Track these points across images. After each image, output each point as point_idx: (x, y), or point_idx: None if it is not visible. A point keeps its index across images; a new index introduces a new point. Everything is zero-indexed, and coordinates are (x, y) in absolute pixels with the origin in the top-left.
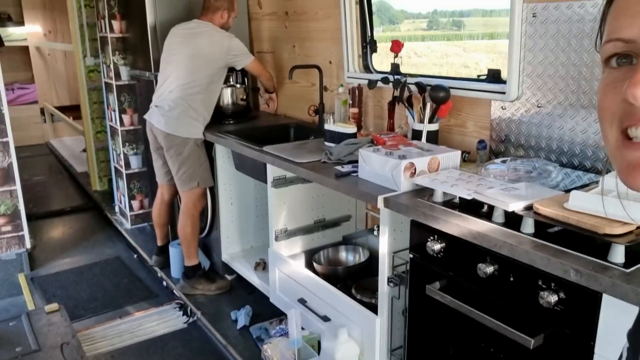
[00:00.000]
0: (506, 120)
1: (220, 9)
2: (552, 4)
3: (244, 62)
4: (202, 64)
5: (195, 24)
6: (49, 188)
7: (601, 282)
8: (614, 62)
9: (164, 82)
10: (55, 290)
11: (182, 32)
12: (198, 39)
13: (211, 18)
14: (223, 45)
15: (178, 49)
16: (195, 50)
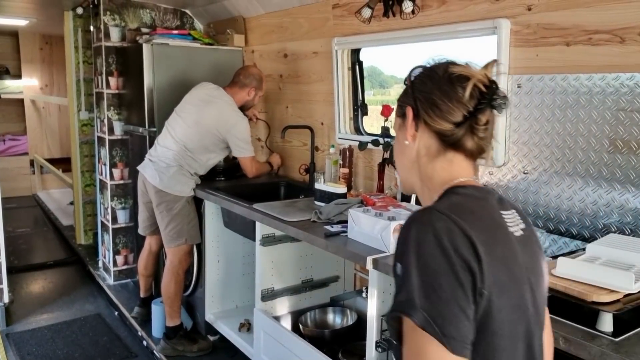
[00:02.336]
0: (494, 186)
1: (248, 87)
2: (537, 76)
3: (240, 152)
4: (204, 133)
5: (218, 92)
6: (33, 240)
7: (590, 350)
8: None
9: (165, 138)
10: (31, 348)
11: (201, 95)
12: (210, 108)
13: (236, 92)
14: (228, 124)
15: (190, 111)
16: (203, 118)
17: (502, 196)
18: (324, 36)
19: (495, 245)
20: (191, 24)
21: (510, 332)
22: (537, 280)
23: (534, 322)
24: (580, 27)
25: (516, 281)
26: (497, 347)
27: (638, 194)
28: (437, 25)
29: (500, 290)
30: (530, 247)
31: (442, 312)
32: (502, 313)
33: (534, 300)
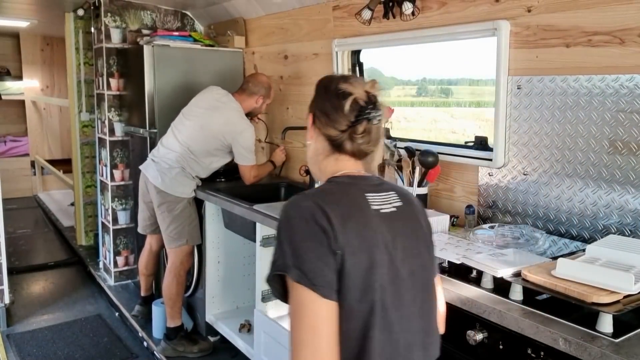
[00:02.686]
0: (493, 187)
1: (256, 95)
2: (536, 77)
3: (242, 160)
4: (210, 138)
5: (226, 98)
6: (34, 241)
7: (590, 352)
8: None
9: (169, 139)
10: (31, 349)
11: (210, 100)
12: (217, 114)
13: (244, 99)
14: (235, 131)
15: (197, 114)
16: (209, 123)
17: (384, 182)
18: (324, 38)
19: (349, 217)
20: (192, 26)
21: (363, 284)
22: (403, 246)
23: (389, 281)
24: (579, 28)
25: (368, 246)
26: (352, 299)
27: (638, 195)
28: (437, 26)
29: (352, 252)
30: (399, 221)
31: (310, 267)
32: (355, 268)
33: (392, 262)
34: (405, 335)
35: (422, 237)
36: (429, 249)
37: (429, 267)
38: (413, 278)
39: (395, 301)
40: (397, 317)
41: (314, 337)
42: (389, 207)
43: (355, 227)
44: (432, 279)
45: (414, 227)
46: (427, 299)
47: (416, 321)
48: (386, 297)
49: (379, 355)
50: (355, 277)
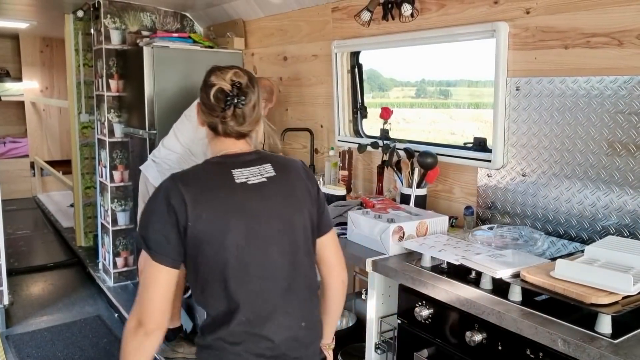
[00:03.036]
0: (492, 188)
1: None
2: (535, 78)
3: None
4: None
5: None
6: (33, 242)
7: (589, 352)
8: None
9: (170, 140)
10: (30, 350)
11: None
12: None
13: None
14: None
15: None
16: None
17: (263, 156)
18: (323, 39)
19: (203, 193)
20: (191, 27)
21: (217, 245)
22: (269, 210)
23: (245, 240)
24: (578, 30)
25: (222, 215)
26: (209, 258)
27: (636, 196)
28: (436, 28)
29: (204, 222)
30: (268, 190)
31: (152, 238)
32: (207, 234)
33: (251, 225)
34: (267, 283)
35: (294, 201)
36: (302, 211)
37: (299, 226)
38: (280, 236)
39: (256, 256)
40: (258, 268)
41: (148, 292)
42: (258, 179)
43: (209, 201)
44: (303, 236)
45: (286, 193)
46: (297, 252)
47: (283, 271)
48: (244, 254)
49: (241, 300)
50: (208, 241)
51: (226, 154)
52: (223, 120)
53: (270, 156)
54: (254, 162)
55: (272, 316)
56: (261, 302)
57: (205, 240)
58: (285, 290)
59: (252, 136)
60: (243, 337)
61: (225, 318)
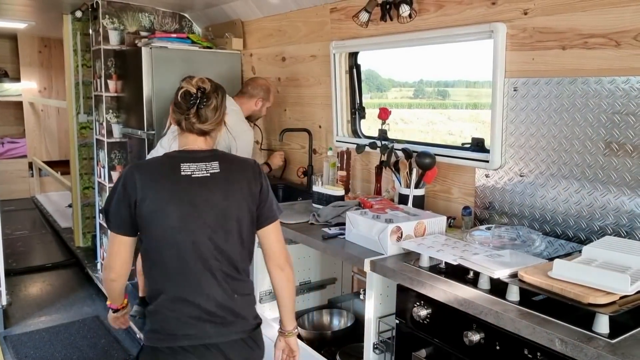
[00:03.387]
0: (490, 188)
1: (255, 97)
2: (533, 79)
3: None
4: None
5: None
6: (31, 243)
7: (587, 352)
8: None
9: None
10: (28, 351)
11: None
12: None
13: (244, 102)
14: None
15: None
16: None
17: (215, 155)
18: (321, 40)
19: (152, 180)
20: (190, 28)
21: (156, 221)
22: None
23: (179, 222)
24: (576, 31)
25: (163, 198)
26: (151, 236)
27: (633, 197)
28: (434, 29)
29: (148, 203)
30: (209, 183)
31: (111, 211)
32: (148, 212)
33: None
34: (196, 262)
35: (231, 196)
36: (238, 204)
37: (233, 217)
38: (212, 224)
39: (188, 238)
40: (189, 248)
41: (110, 253)
42: (202, 173)
43: (155, 187)
44: (237, 226)
45: (224, 188)
46: (227, 238)
47: (211, 253)
48: (176, 235)
49: (174, 273)
50: (150, 221)
51: (184, 149)
52: (187, 117)
53: (222, 155)
54: (204, 159)
55: (199, 288)
56: (191, 276)
57: (148, 219)
58: (211, 267)
59: (213, 136)
60: (178, 304)
61: (163, 288)
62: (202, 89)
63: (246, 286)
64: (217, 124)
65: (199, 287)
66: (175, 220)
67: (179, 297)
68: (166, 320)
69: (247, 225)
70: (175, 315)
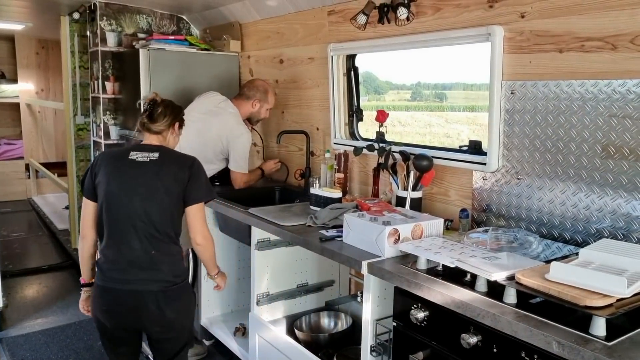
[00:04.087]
0: (487, 191)
1: (252, 99)
2: (530, 82)
3: (234, 166)
4: (207, 144)
5: (225, 104)
6: (28, 245)
7: (583, 355)
8: None
9: None
10: (25, 353)
11: (208, 105)
12: (215, 119)
13: (241, 104)
14: (232, 134)
15: (195, 119)
16: (206, 129)
17: (160, 150)
18: (319, 42)
19: (107, 161)
20: (188, 30)
21: (103, 191)
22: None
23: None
24: (572, 34)
25: (110, 174)
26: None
27: (630, 199)
28: (432, 31)
29: (100, 177)
30: (146, 166)
31: (84, 182)
32: (100, 184)
33: (124, 184)
34: (126, 220)
35: (161, 177)
36: (165, 184)
37: (161, 192)
38: (144, 195)
39: (122, 202)
40: (122, 210)
41: (82, 215)
42: (143, 158)
43: (106, 166)
44: (167, 199)
45: (157, 171)
46: (153, 208)
47: (140, 216)
48: (113, 199)
49: (108, 220)
50: (100, 188)
51: (140, 143)
52: (141, 118)
53: (165, 150)
54: (150, 150)
55: (125, 239)
56: (120, 229)
57: (99, 186)
58: (136, 226)
59: (164, 135)
60: (109, 249)
61: (103, 237)
62: (153, 100)
63: (167, 247)
64: (167, 126)
65: (125, 238)
66: (115, 188)
67: (111, 244)
68: (103, 262)
69: (171, 200)
70: (105, 260)
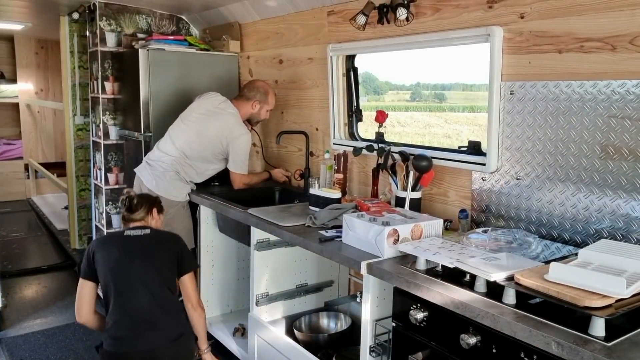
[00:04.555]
0: (487, 191)
1: (252, 100)
2: (529, 82)
3: (234, 166)
4: (206, 144)
5: (225, 104)
6: (27, 245)
7: (583, 355)
8: None
9: (165, 143)
10: (24, 354)
11: (208, 106)
12: (214, 120)
13: (241, 105)
14: (232, 135)
15: (194, 119)
16: (205, 129)
17: (150, 228)
18: (319, 42)
19: (103, 244)
20: (187, 30)
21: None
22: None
23: (119, 272)
24: (572, 35)
25: (111, 253)
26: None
27: (629, 200)
28: (431, 32)
29: (100, 258)
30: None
31: (81, 268)
32: (101, 264)
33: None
34: (132, 300)
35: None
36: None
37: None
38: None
39: (126, 282)
40: (126, 290)
41: (80, 299)
42: (137, 233)
43: (103, 245)
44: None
45: (151, 240)
46: (153, 268)
47: (141, 285)
48: (115, 267)
49: (115, 305)
50: (100, 265)
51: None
52: (122, 212)
53: (153, 229)
54: (141, 228)
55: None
56: (125, 295)
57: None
58: (142, 287)
59: (147, 221)
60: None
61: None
62: (129, 196)
63: (169, 301)
64: (145, 213)
65: (130, 299)
66: (116, 256)
67: (117, 308)
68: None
69: (169, 260)
70: (113, 324)
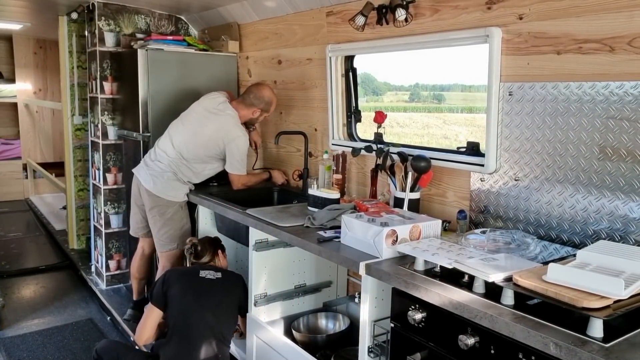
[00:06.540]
0: (485, 192)
1: (254, 107)
2: (528, 83)
3: (232, 168)
4: (203, 145)
5: (224, 106)
6: (25, 245)
7: (581, 356)
8: None
9: (164, 143)
10: (21, 354)
11: (208, 107)
12: (212, 121)
13: (242, 108)
14: (229, 137)
15: (193, 120)
16: (202, 129)
17: (220, 269)
18: (318, 43)
19: (180, 278)
20: (186, 30)
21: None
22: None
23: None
24: (570, 36)
25: (187, 292)
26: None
27: (628, 201)
28: (430, 33)
29: (176, 293)
30: (213, 284)
31: (153, 293)
32: (176, 299)
33: (196, 309)
34: (194, 331)
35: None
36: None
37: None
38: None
39: (195, 329)
40: (193, 321)
41: (147, 321)
42: (211, 277)
43: (180, 280)
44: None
45: (222, 287)
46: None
47: (207, 330)
48: (189, 309)
49: (181, 332)
50: (174, 300)
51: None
52: (191, 259)
53: (223, 272)
54: (215, 269)
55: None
56: (191, 339)
57: (170, 300)
58: (208, 334)
59: (215, 262)
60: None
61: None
62: (193, 244)
63: (227, 350)
64: (211, 257)
65: (195, 344)
66: (191, 299)
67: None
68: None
69: (234, 309)
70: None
